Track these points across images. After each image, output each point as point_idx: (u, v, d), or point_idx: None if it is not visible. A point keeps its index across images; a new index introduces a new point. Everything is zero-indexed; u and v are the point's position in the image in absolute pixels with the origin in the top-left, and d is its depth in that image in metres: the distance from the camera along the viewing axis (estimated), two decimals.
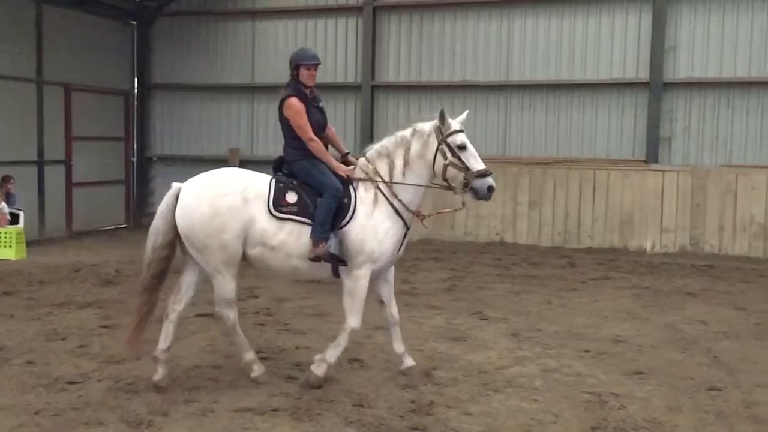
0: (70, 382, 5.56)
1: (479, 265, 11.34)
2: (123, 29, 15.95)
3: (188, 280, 5.64)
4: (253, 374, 5.61)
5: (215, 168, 5.74)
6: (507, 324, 7.67)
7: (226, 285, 5.49)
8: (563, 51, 13.62)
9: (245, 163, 14.97)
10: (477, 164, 5.54)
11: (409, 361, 5.82)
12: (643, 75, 13.14)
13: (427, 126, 5.67)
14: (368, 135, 14.12)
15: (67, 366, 5.97)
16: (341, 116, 14.98)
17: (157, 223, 5.57)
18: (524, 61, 13.88)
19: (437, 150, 5.58)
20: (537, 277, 10.47)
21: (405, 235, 5.69)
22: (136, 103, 16.24)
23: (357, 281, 5.50)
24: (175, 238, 5.52)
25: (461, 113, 5.82)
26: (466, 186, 5.54)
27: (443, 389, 5.54)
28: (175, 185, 5.61)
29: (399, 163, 5.64)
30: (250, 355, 5.67)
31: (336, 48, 15.08)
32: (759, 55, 12.60)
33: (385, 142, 5.76)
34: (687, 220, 12.33)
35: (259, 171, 5.96)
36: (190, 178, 5.57)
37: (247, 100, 15.69)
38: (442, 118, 5.57)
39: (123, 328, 5.84)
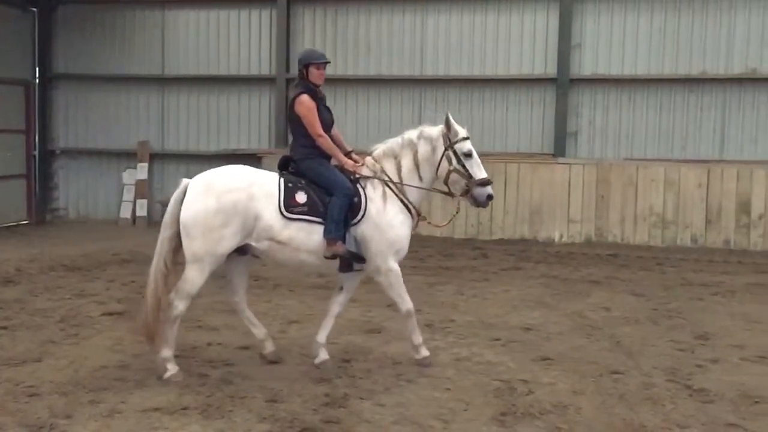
0: None
1: None
2: (22, 16, 15.14)
3: (239, 269, 5.84)
4: (167, 374, 5.48)
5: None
6: (421, 315, 7.73)
7: (198, 278, 5.51)
8: (475, 47, 13.89)
9: (155, 157, 14.30)
10: (480, 173, 5.79)
11: (323, 355, 5.88)
12: (551, 71, 13.56)
13: (435, 131, 5.90)
14: (283, 127, 13.99)
15: None
16: (255, 108, 14.79)
17: (167, 215, 5.60)
18: (438, 56, 14.06)
19: (443, 155, 5.79)
20: (450, 268, 10.66)
21: None
22: (37, 93, 15.44)
23: (389, 275, 5.70)
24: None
25: (376, 107, 5.98)
26: (467, 193, 5.79)
27: (357, 381, 5.57)
28: (185, 180, 5.65)
29: (405, 163, 5.83)
30: (169, 353, 5.54)
31: (250, 40, 14.85)
32: (658, 53, 13.22)
33: (391, 144, 5.96)
34: (592, 212, 12.83)
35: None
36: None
37: (156, 92, 15.20)
38: (448, 125, 5.78)
39: (140, 327, 5.75)
